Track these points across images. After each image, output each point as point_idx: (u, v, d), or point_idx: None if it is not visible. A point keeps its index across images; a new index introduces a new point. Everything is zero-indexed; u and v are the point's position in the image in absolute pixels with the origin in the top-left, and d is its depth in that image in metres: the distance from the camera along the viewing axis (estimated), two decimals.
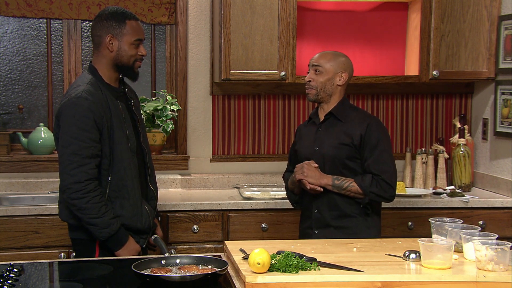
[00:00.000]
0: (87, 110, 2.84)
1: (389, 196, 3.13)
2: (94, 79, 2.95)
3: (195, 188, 4.34)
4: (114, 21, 2.96)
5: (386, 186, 3.10)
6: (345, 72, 3.20)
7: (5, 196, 4.04)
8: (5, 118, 4.29)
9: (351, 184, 3.10)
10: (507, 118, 4.05)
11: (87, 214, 2.83)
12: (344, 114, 3.20)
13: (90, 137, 2.83)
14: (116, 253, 2.90)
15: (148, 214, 3.04)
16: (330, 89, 3.19)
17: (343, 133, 3.17)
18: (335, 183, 3.11)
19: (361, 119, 3.18)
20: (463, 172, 4.25)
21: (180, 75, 4.37)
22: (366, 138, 3.13)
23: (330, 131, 3.20)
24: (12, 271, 2.36)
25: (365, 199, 3.11)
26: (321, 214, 3.18)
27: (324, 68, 3.18)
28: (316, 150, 3.21)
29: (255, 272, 2.28)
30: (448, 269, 2.37)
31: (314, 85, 3.20)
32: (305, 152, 3.25)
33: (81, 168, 2.81)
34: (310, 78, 3.21)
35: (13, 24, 4.29)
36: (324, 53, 3.24)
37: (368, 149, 3.13)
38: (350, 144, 3.14)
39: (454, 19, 4.11)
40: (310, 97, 3.24)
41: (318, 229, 3.18)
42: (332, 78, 3.19)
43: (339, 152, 3.15)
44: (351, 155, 3.15)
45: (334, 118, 3.21)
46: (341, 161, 3.15)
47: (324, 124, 3.24)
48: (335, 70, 3.19)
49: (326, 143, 3.19)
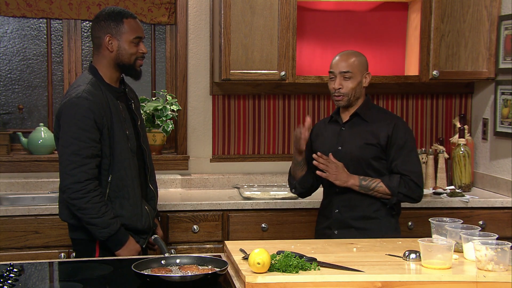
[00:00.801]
0: (87, 110, 2.84)
1: (417, 196, 3.12)
2: (94, 79, 2.96)
3: (195, 188, 4.34)
4: (111, 21, 2.96)
5: (415, 187, 3.09)
6: (368, 72, 3.18)
7: (5, 196, 4.04)
8: (5, 118, 4.29)
9: (378, 184, 3.08)
10: (507, 118, 4.05)
11: (87, 214, 2.83)
12: (369, 114, 3.18)
13: (90, 137, 2.83)
14: (116, 253, 2.90)
15: (148, 214, 3.04)
16: (359, 93, 3.17)
17: (369, 133, 3.14)
18: (362, 184, 3.08)
19: (387, 119, 3.16)
20: (463, 172, 4.25)
21: (180, 75, 4.37)
22: (393, 139, 3.11)
23: (355, 131, 3.17)
24: (12, 271, 2.36)
25: (393, 200, 3.10)
26: (342, 215, 3.15)
27: (354, 73, 3.13)
28: (339, 149, 3.17)
29: (255, 272, 2.28)
30: (448, 269, 2.37)
31: (345, 92, 3.13)
32: (326, 151, 3.18)
33: (81, 168, 2.82)
34: (340, 86, 3.14)
35: (13, 24, 4.29)
36: (348, 56, 3.16)
37: (395, 150, 3.11)
38: (376, 145, 3.12)
39: (454, 19, 4.11)
40: (341, 104, 3.18)
41: (338, 229, 3.15)
42: (360, 82, 3.15)
43: (364, 152, 3.12)
44: (377, 156, 3.12)
45: (359, 118, 3.18)
46: (366, 161, 3.12)
47: (348, 124, 3.20)
48: (362, 73, 3.16)
49: (351, 143, 3.15)
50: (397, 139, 3.12)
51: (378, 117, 3.18)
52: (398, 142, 3.11)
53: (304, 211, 3.85)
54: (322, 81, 4.13)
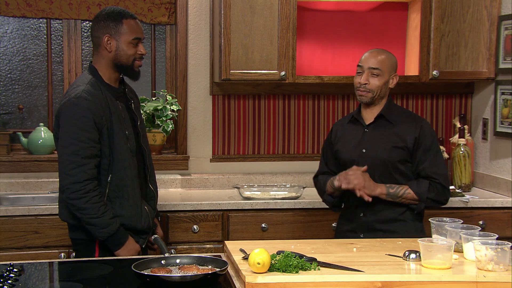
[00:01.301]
0: (86, 110, 2.84)
1: (444, 199, 3.09)
2: (94, 79, 2.96)
3: (195, 188, 4.34)
4: (111, 21, 2.96)
5: (442, 190, 3.06)
6: (396, 74, 3.14)
7: (5, 196, 4.04)
8: (5, 118, 4.29)
9: (406, 191, 3.03)
10: (507, 118, 4.05)
11: (86, 214, 2.83)
12: (394, 116, 3.12)
13: (89, 137, 2.83)
14: (115, 253, 2.90)
15: (148, 214, 3.04)
16: (384, 92, 3.12)
17: (395, 136, 3.08)
18: (390, 192, 3.03)
19: (412, 121, 3.11)
20: (463, 172, 4.25)
21: (180, 75, 4.37)
22: (420, 141, 3.06)
23: (380, 133, 3.11)
24: (12, 271, 2.36)
25: (421, 206, 3.06)
26: (368, 218, 3.10)
27: (383, 71, 3.08)
28: (363, 152, 3.10)
29: (255, 272, 2.28)
30: (448, 269, 2.37)
31: (370, 89, 3.08)
32: (349, 154, 3.14)
33: (80, 168, 2.82)
34: (367, 81, 3.08)
35: (13, 24, 4.29)
36: (378, 53, 3.12)
37: (422, 152, 3.06)
38: (403, 148, 3.06)
39: (454, 19, 4.11)
40: (363, 100, 3.11)
41: (364, 233, 3.10)
42: (387, 82, 3.11)
43: (392, 156, 3.06)
44: (404, 159, 3.07)
45: (384, 120, 3.12)
46: (393, 165, 3.07)
47: (372, 126, 3.14)
48: (390, 73, 3.11)
49: (377, 146, 3.09)
50: (424, 141, 3.06)
51: (403, 119, 3.12)
52: (425, 144, 3.06)
53: (304, 211, 3.85)
54: (322, 81, 4.13)
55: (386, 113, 3.13)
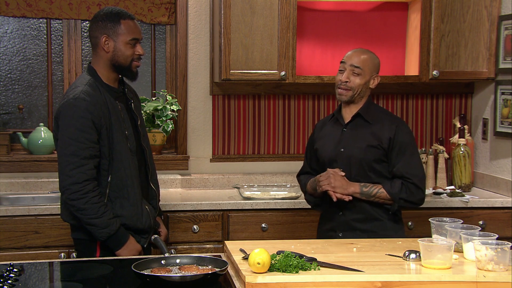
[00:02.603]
0: (85, 111, 2.84)
1: (418, 200, 3.09)
2: (92, 80, 2.95)
3: (195, 188, 4.34)
4: (109, 21, 2.96)
5: (416, 190, 3.06)
6: (378, 75, 3.16)
7: (5, 196, 4.04)
8: (5, 118, 4.29)
9: (379, 190, 3.05)
10: (507, 118, 4.05)
11: (86, 214, 2.83)
12: (372, 115, 3.14)
13: (88, 138, 2.83)
14: (116, 253, 2.90)
15: (149, 213, 3.03)
16: (364, 92, 3.13)
17: (371, 135, 3.10)
18: (363, 191, 3.05)
19: (389, 121, 3.13)
20: (463, 172, 4.25)
21: (180, 75, 4.37)
22: (395, 141, 3.08)
23: (357, 132, 3.13)
24: (12, 271, 2.36)
25: (394, 206, 3.07)
26: (346, 217, 3.12)
27: (364, 71, 3.10)
28: (341, 151, 3.13)
29: (255, 272, 2.28)
30: (448, 269, 2.37)
31: (351, 86, 3.09)
32: (328, 152, 3.17)
33: (80, 169, 2.82)
34: (347, 79, 3.10)
35: (13, 24, 4.29)
36: (362, 53, 3.14)
37: (397, 152, 3.07)
38: (378, 147, 3.08)
39: (454, 19, 4.11)
40: (343, 98, 3.13)
41: (342, 232, 3.12)
42: (368, 81, 3.13)
43: (367, 155, 3.08)
44: (379, 158, 3.09)
45: (361, 119, 3.14)
46: (368, 164, 3.08)
47: (350, 125, 3.16)
48: (371, 73, 3.13)
49: (353, 145, 3.11)
50: (399, 141, 3.08)
51: (380, 119, 3.14)
52: (400, 145, 3.08)
53: (304, 211, 3.85)
54: (322, 81, 4.13)
55: (364, 112, 3.15)
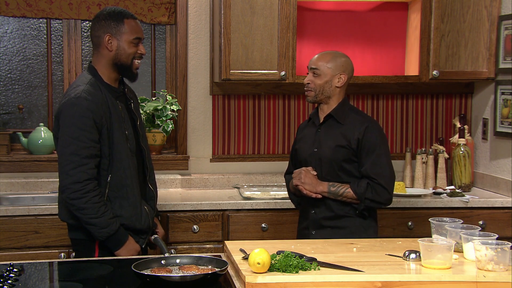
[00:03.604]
0: (86, 110, 2.83)
1: (385, 200, 3.11)
2: (93, 79, 2.95)
3: (195, 188, 4.34)
4: (112, 20, 2.96)
5: (382, 191, 3.08)
6: (344, 73, 3.18)
7: (5, 196, 4.04)
8: (5, 118, 4.29)
9: (346, 190, 3.09)
10: (507, 118, 4.05)
11: (86, 214, 2.83)
12: (343, 116, 3.18)
13: (89, 137, 2.83)
14: (115, 253, 2.90)
15: (148, 214, 3.03)
16: (328, 91, 3.18)
17: (341, 136, 3.15)
18: (331, 190, 3.10)
19: (359, 122, 3.16)
20: (463, 172, 4.25)
21: (180, 75, 4.37)
22: (363, 142, 3.11)
23: (329, 132, 3.19)
24: (12, 271, 2.36)
25: (361, 205, 3.10)
26: (317, 215, 3.19)
27: (322, 71, 3.16)
28: (314, 151, 3.20)
29: (255, 272, 2.28)
30: (448, 269, 2.37)
31: (312, 87, 3.18)
32: (304, 153, 3.25)
33: (80, 168, 2.81)
34: (309, 81, 3.20)
35: (13, 24, 4.29)
36: (323, 55, 3.21)
37: (365, 153, 3.11)
38: (347, 147, 3.13)
39: (454, 19, 4.11)
40: (309, 99, 3.23)
41: (315, 229, 3.19)
42: (330, 80, 3.17)
43: (336, 155, 3.13)
44: (348, 158, 3.13)
45: (334, 120, 3.20)
46: (338, 164, 3.13)
47: (323, 126, 3.22)
48: (333, 72, 3.16)
49: (324, 145, 3.18)
50: (367, 142, 3.11)
51: (351, 119, 3.18)
52: (368, 145, 3.11)
53: None
54: None
55: (336, 113, 3.19)
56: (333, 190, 3.10)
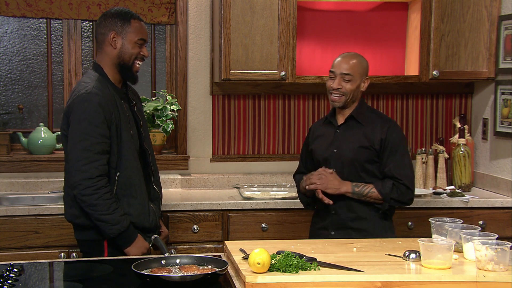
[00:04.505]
0: (97, 105, 2.83)
1: (408, 200, 3.15)
2: (101, 77, 2.96)
3: (195, 188, 4.34)
4: (119, 19, 2.98)
5: (406, 191, 3.12)
6: (368, 78, 3.22)
7: (5, 196, 4.03)
8: (5, 118, 4.29)
9: (371, 190, 3.10)
10: (507, 118, 4.05)
11: (97, 210, 2.82)
12: (364, 117, 3.20)
13: (100, 132, 2.83)
14: (125, 250, 2.88)
15: (155, 212, 3.04)
16: (356, 96, 3.20)
17: (363, 136, 3.16)
18: (355, 190, 3.11)
19: (380, 122, 3.18)
20: (463, 172, 4.25)
21: (180, 75, 4.37)
22: (386, 142, 3.14)
23: (350, 133, 3.20)
24: (12, 271, 2.36)
25: (385, 205, 3.12)
26: (339, 216, 3.18)
27: (354, 77, 3.15)
28: (334, 152, 3.19)
29: (255, 272, 2.28)
30: (448, 269, 2.37)
31: (344, 92, 3.16)
32: (322, 153, 3.23)
33: (93, 164, 2.80)
34: (340, 86, 3.16)
35: (13, 24, 4.29)
36: (350, 58, 3.19)
37: (388, 153, 3.13)
38: (370, 148, 3.14)
39: (454, 19, 4.11)
40: (337, 104, 3.20)
41: (335, 230, 3.18)
42: (359, 85, 3.19)
43: (359, 155, 3.14)
44: (371, 159, 3.15)
45: (354, 121, 3.21)
46: (360, 165, 3.14)
47: (343, 126, 3.23)
48: (361, 77, 3.19)
49: (345, 146, 3.17)
50: (390, 142, 3.14)
51: (372, 120, 3.20)
52: (391, 146, 3.14)
53: (304, 211, 3.84)
54: (322, 81, 4.12)
55: (356, 114, 3.21)
56: (357, 190, 3.11)
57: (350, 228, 3.15)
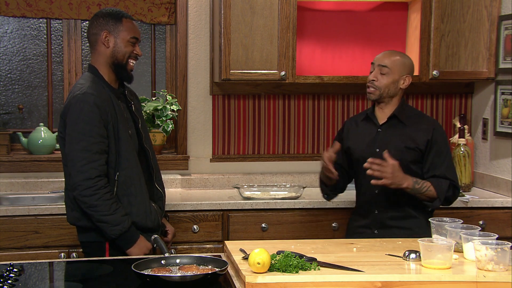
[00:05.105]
0: (93, 105, 2.83)
1: (454, 200, 3.20)
2: (96, 78, 2.96)
3: (195, 188, 4.34)
4: (110, 18, 2.98)
5: (457, 191, 3.16)
6: (409, 76, 3.18)
7: (5, 196, 4.03)
8: (5, 118, 4.29)
9: (429, 188, 3.08)
10: (507, 118, 4.05)
11: (98, 211, 2.81)
12: (407, 117, 3.19)
13: (98, 132, 2.82)
14: (127, 251, 2.87)
15: (157, 212, 3.03)
16: (393, 91, 3.17)
17: (408, 137, 3.15)
18: (415, 187, 3.06)
19: (425, 123, 3.18)
20: (463, 172, 4.25)
21: (180, 75, 4.37)
22: (433, 143, 3.13)
23: (393, 133, 3.18)
24: (12, 271, 2.36)
25: (437, 204, 3.11)
26: (382, 215, 3.17)
27: (391, 70, 3.14)
28: (377, 151, 3.15)
29: (255, 272, 2.28)
30: (448, 269, 2.37)
31: (378, 85, 3.15)
32: (362, 152, 3.19)
33: (92, 164, 2.79)
34: (375, 78, 3.15)
35: (13, 24, 4.29)
36: (392, 53, 3.20)
37: (436, 154, 3.13)
38: (415, 149, 3.13)
39: (454, 19, 4.11)
40: (371, 97, 3.19)
41: (378, 229, 3.18)
42: (397, 81, 3.16)
43: (404, 156, 3.11)
44: (416, 159, 3.14)
45: (397, 120, 3.18)
46: (405, 165, 3.09)
47: (385, 126, 3.20)
48: (400, 73, 3.16)
49: (390, 146, 3.13)
50: (437, 144, 3.14)
51: (415, 120, 3.19)
52: (438, 147, 3.14)
53: (304, 211, 3.85)
54: (322, 81, 4.13)
55: (399, 113, 3.19)
56: (418, 187, 3.06)
57: (394, 227, 3.14)
